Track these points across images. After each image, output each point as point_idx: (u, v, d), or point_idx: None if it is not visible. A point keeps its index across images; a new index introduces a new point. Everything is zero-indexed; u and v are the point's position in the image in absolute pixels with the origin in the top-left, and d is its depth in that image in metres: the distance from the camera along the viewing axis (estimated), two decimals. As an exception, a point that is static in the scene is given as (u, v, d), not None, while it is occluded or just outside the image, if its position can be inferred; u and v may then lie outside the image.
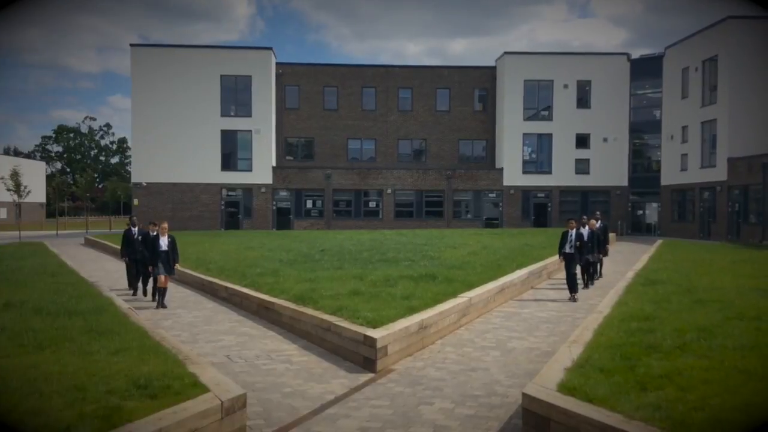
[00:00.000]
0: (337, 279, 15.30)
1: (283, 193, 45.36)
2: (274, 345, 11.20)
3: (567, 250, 15.98)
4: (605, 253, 19.96)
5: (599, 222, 19.50)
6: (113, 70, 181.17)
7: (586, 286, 17.68)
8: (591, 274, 18.32)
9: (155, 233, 15.39)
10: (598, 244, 18.08)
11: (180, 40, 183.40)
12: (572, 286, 15.73)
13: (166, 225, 15.11)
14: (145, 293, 16.64)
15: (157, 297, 15.13)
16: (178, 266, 16.13)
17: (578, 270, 17.09)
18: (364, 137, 48.40)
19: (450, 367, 9.63)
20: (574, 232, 16.08)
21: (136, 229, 17.36)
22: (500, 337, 11.59)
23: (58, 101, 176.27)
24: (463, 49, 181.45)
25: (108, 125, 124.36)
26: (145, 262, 15.95)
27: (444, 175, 45.86)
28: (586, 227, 17.35)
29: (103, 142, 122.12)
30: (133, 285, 17.14)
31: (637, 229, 46.45)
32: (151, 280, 16.08)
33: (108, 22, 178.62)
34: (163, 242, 14.85)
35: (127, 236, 17.36)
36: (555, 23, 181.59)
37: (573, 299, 15.54)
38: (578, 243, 15.98)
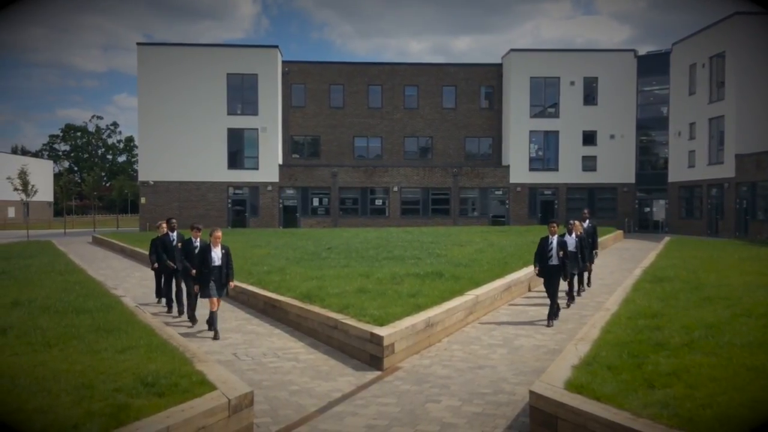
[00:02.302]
0: (344, 277, 15.31)
1: (290, 191, 45.40)
2: (280, 343, 11.22)
3: (549, 261, 12.64)
4: (592, 260, 16.74)
5: (587, 222, 16.88)
6: (118, 69, 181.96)
7: (567, 304, 14.56)
8: (573, 288, 15.15)
9: (197, 241, 12.56)
10: (582, 252, 14.84)
11: (184, 38, 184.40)
12: (553, 307, 12.76)
13: (220, 233, 11.76)
14: (180, 311, 13.92)
15: (194, 317, 12.85)
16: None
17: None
18: (370, 135, 48.39)
19: (457, 364, 9.62)
20: (555, 238, 12.65)
21: (175, 234, 14.41)
22: (507, 335, 11.57)
23: (63, 100, 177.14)
24: (466, 47, 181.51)
25: (115, 124, 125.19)
26: (187, 274, 12.80)
27: (450, 173, 45.81)
28: (573, 234, 14.51)
29: (110, 141, 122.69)
30: (177, 302, 14.12)
31: (645, 227, 46.28)
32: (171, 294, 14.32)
33: (112, 21, 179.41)
34: (216, 255, 11.56)
35: (164, 243, 14.41)
36: (559, 20, 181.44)
37: (549, 323, 12.48)
38: (561, 252, 12.58)
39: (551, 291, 12.66)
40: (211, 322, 11.72)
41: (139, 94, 44.87)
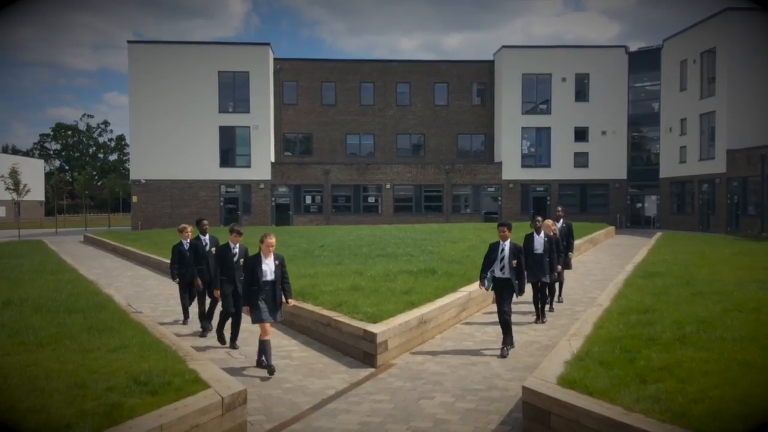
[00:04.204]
0: (337, 274, 15.29)
1: (282, 189, 45.33)
2: (274, 341, 11.11)
3: (498, 273, 10.12)
4: (567, 265, 14.47)
5: (561, 221, 14.72)
6: (109, 68, 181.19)
7: (539, 317, 12.51)
8: (546, 300, 12.88)
9: (236, 248, 10.74)
10: (551, 256, 12.69)
11: (175, 36, 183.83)
12: (507, 329, 10.08)
13: (273, 240, 9.16)
14: (204, 327, 11.91)
15: (227, 341, 10.64)
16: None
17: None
18: (362, 132, 48.36)
19: (450, 361, 9.64)
20: (507, 244, 10.11)
21: (208, 237, 12.21)
22: (500, 332, 11.56)
23: (54, 99, 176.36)
24: (457, 44, 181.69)
25: (106, 122, 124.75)
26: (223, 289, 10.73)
27: (443, 170, 45.83)
28: (541, 233, 12.60)
29: (101, 140, 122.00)
30: (206, 317, 12.04)
31: (637, 222, 46.46)
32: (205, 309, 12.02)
33: (102, 20, 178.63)
34: (268, 267, 9.08)
35: (195, 249, 12.15)
36: (549, 17, 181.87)
37: (505, 353, 9.90)
38: (514, 261, 9.98)
39: (503, 308, 10.04)
40: (265, 353, 9.13)
41: (130, 93, 44.69)
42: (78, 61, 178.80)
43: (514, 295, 10.13)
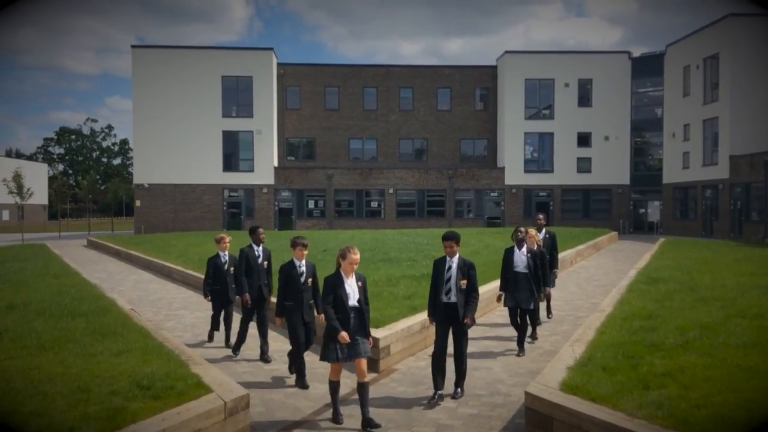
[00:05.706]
0: (340, 279, 15.25)
1: (285, 194, 45.39)
2: (276, 345, 11.18)
3: (443, 298, 8.02)
4: (551, 283, 12.32)
5: (543, 231, 12.81)
6: (111, 72, 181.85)
7: (521, 350, 10.26)
8: (526, 329, 10.57)
9: (303, 265, 8.81)
10: (536, 275, 10.53)
11: (178, 41, 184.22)
12: (438, 368, 8.06)
13: (358, 255, 7.33)
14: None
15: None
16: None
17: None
18: (365, 137, 48.43)
19: (452, 366, 9.60)
20: (455, 260, 8.14)
21: (261, 248, 10.34)
22: (501, 337, 11.58)
23: (56, 103, 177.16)
24: (458, 49, 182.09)
25: (110, 126, 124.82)
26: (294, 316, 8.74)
27: (446, 175, 45.85)
28: (524, 248, 10.53)
29: (104, 144, 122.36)
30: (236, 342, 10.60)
31: (639, 228, 46.39)
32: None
33: (105, 24, 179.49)
34: (351, 289, 7.26)
35: (247, 259, 10.21)
36: (551, 22, 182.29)
37: (436, 399, 7.86)
38: (463, 281, 7.94)
39: (455, 344, 8.12)
40: (333, 398, 7.39)
41: (133, 97, 44.82)
42: (80, 65, 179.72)
43: (456, 327, 8.03)
